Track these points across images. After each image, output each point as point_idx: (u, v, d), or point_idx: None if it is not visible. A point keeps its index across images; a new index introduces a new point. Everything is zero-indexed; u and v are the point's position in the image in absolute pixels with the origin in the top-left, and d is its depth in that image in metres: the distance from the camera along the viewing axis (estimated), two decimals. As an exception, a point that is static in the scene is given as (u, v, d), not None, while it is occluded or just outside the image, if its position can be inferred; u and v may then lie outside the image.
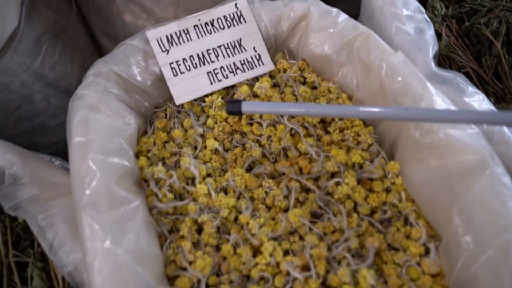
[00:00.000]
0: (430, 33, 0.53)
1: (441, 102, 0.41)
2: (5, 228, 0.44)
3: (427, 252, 0.40)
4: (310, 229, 0.41)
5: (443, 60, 0.56)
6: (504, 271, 0.33)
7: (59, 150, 0.62)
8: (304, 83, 0.51)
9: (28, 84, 0.52)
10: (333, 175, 0.45)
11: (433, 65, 0.50)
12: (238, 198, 0.44)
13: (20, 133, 0.55)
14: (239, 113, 0.40)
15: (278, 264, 0.39)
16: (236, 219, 0.43)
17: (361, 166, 0.45)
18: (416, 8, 0.55)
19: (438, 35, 0.57)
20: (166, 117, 0.50)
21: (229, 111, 0.40)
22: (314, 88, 0.50)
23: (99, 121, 0.42)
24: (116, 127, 0.43)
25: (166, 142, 0.48)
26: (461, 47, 0.54)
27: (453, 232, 0.37)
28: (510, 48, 0.54)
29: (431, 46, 0.51)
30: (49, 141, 0.60)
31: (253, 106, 0.40)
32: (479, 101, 0.47)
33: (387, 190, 0.44)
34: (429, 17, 0.56)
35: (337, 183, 0.43)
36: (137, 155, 0.47)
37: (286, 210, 0.43)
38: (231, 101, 0.40)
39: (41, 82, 0.54)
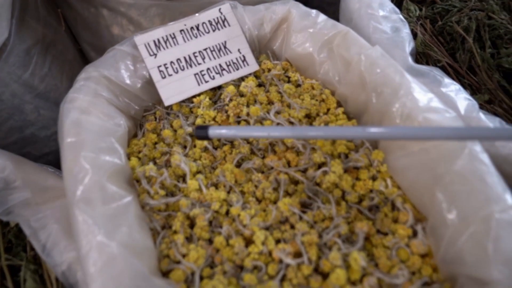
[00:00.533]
0: (406, 31, 0.55)
1: (418, 90, 0.43)
2: (-3, 234, 0.44)
3: (415, 234, 0.41)
4: (301, 218, 0.42)
5: (420, 57, 0.58)
6: (488, 243, 0.35)
7: (50, 162, 0.62)
8: (288, 82, 0.53)
9: (19, 95, 0.53)
10: (320, 166, 0.46)
11: (410, 59, 0.52)
12: (229, 192, 0.45)
13: (10, 144, 0.56)
14: (207, 138, 0.41)
15: (270, 253, 0.40)
16: (227, 213, 0.43)
17: (346, 156, 0.46)
18: (391, 9, 0.58)
19: (414, 35, 0.60)
20: (155, 120, 0.51)
21: (197, 136, 0.42)
22: (298, 86, 0.52)
23: (90, 122, 0.43)
24: (107, 127, 0.44)
25: (156, 143, 0.49)
26: (436, 44, 0.57)
27: (438, 211, 0.39)
28: (481, 43, 0.57)
29: (407, 43, 0.54)
30: (39, 152, 0.61)
31: (219, 129, 0.41)
32: (455, 91, 0.50)
33: (373, 178, 0.45)
34: (405, 18, 0.59)
35: (325, 173, 0.44)
36: (128, 157, 0.48)
37: (276, 202, 0.44)
38: (199, 127, 0.42)
39: (31, 93, 0.55)
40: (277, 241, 0.41)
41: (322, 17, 0.51)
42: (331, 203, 0.43)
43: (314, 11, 0.52)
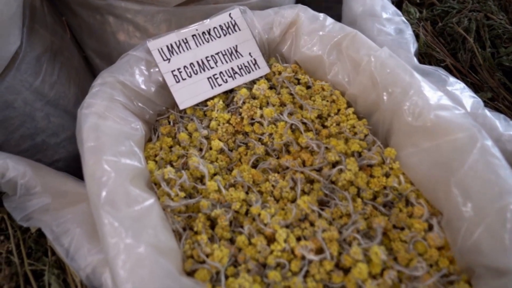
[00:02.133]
0: (409, 32, 0.57)
1: (428, 88, 0.45)
2: (18, 240, 0.44)
3: (430, 228, 0.43)
4: (320, 215, 0.43)
5: (423, 58, 0.60)
6: (504, 233, 0.36)
7: (60, 168, 0.62)
8: (298, 84, 0.54)
9: (30, 102, 0.54)
10: (334, 165, 0.47)
11: (415, 60, 0.54)
12: (247, 193, 0.46)
13: (22, 151, 0.56)
14: None
15: (292, 251, 0.41)
16: (247, 213, 0.44)
17: (359, 155, 0.47)
18: (394, 11, 0.60)
19: (416, 36, 0.61)
20: (169, 124, 0.52)
21: None
22: (308, 87, 0.53)
23: (108, 127, 0.44)
24: (125, 131, 0.44)
25: (171, 146, 0.50)
26: (437, 45, 0.59)
27: (453, 204, 0.40)
28: (481, 43, 0.59)
29: (412, 44, 0.56)
30: (50, 159, 0.61)
31: None
32: (460, 90, 0.52)
33: (387, 175, 0.46)
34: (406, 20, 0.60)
35: (340, 171, 0.45)
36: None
37: (293, 201, 0.45)
38: None
39: (41, 100, 0.56)
40: (298, 239, 0.42)
41: (329, 20, 0.53)
42: (348, 200, 0.44)
43: (321, 15, 0.53)
